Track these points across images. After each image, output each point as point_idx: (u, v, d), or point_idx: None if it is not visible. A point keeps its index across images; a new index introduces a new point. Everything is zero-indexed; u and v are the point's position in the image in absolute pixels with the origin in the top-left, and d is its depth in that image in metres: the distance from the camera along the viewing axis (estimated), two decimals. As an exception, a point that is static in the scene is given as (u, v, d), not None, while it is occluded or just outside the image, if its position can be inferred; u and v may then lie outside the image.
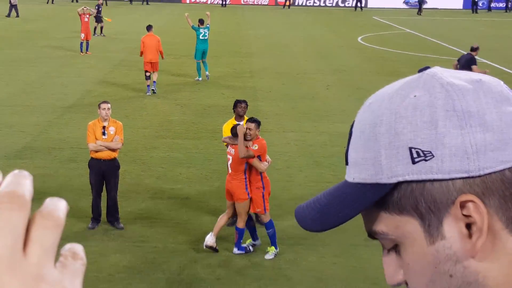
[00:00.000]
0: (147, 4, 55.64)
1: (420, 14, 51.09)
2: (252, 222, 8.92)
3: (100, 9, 31.64)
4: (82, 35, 25.57)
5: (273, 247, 8.82)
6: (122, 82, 20.72)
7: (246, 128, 8.58)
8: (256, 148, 8.56)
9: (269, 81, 21.62)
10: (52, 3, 53.39)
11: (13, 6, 40.05)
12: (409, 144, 0.86)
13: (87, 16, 25.67)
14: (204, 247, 8.71)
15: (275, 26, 39.98)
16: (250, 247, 8.84)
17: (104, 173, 9.33)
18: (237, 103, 9.79)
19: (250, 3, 58.82)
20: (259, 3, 59.41)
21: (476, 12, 54.30)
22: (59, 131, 14.59)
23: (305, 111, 17.43)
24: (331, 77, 22.74)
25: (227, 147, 8.89)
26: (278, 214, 10.09)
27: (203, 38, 21.76)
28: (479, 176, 0.83)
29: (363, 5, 56.58)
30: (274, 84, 21.09)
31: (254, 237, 8.96)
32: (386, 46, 31.24)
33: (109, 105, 9.39)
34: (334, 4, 59.95)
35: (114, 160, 9.38)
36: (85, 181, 10.13)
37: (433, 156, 0.84)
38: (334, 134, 14.99)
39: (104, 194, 9.44)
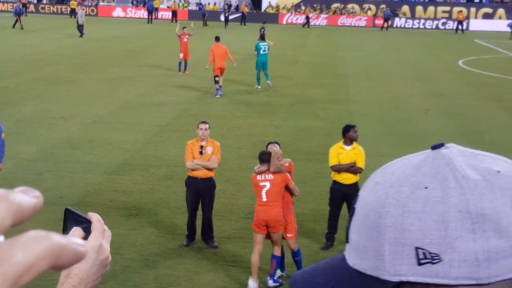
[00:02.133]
0: (244, 25, 56.45)
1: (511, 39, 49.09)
2: (282, 251, 8.57)
3: (264, 31, 32.16)
4: (181, 55, 26.16)
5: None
6: (217, 102, 20.99)
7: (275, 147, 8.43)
8: (287, 164, 8.49)
9: (365, 104, 21.32)
10: (151, 23, 55.15)
11: (80, 26, 41.01)
12: (416, 243, 0.79)
13: (187, 36, 26.26)
14: None
15: (372, 48, 39.54)
16: (277, 284, 8.47)
17: (200, 191, 9.39)
18: (350, 128, 9.54)
19: (347, 24, 58.55)
20: (357, 25, 59.07)
21: None
22: (156, 149, 14.90)
23: (402, 135, 17.04)
24: (430, 101, 22.16)
25: (261, 176, 8.33)
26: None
27: (263, 52, 23.95)
28: (487, 284, 0.77)
29: (464, 27, 55.13)
30: (370, 107, 20.78)
31: (282, 267, 8.68)
32: (488, 71, 30.21)
33: (207, 125, 9.48)
34: (434, 27, 58.75)
35: (210, 180, 9.44)
36: (181, 199, 10.25)
37: (441, 260, 0.78)
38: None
39: (199, 212, 9.51)
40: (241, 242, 9.59)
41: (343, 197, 9.40)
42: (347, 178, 9.44)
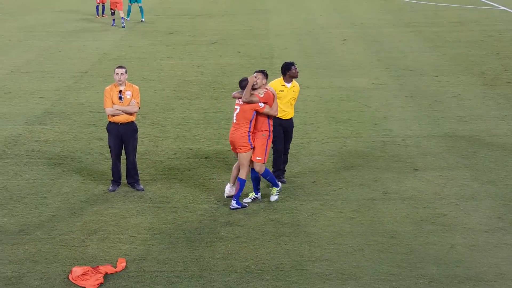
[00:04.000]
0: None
1: None
2: (256, 174, 9.05)
3: None
4: (98, -2, 25.46)
5: (274, 188, 9.08)
6: (138, 44, 20.71)
7: (254, 77, 8.76)
8: (262, 95, 8.73)
9: (285, 37, 21.47)
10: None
11: None
12: None
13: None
14: (226, 197, 9.07)
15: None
16: (249, 201, 9.01)
17: (122, 136, 9.40)
18: (290, 65, 9.60)
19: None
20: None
21: None
22: (77, 96, 14.70)
23: (322, 66, 17.34)
24: (347, 30, 22.50)
25: (236, 100, 8.95)
26: (296, 171, 10.15)
27: None
28: None
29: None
30: (290, 40, 20.95)
31: (256, 189, 9.14)
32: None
33: (123, 69, 9.39)
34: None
35: (132, 124, 9.44)
36: (105, 145, 10.25)
37: None
38: (351, 89, 14.93)
39: (123, 157, 9.54)
40: (167, 183, 9.73)
41: (283, 131, 9.58)
42: (286, 114, 9.55)
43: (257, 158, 8.86)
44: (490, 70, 16.52)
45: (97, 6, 25.89)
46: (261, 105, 8.72)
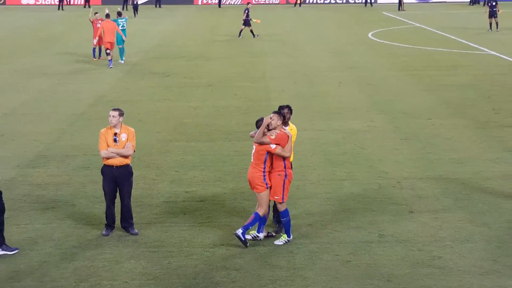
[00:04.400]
0: (159, 7, 55.60)
1: (402, 10, 49.99)
2: (266, 215, 9.10)
3: (248, 12, 32.59)
4: (95, 41, 25.66)
5: (285, 235, 9.03)
6: (135, 86, 20.80)
7: (270, 118, 8.87)
8: (273, 137, 8.79)
9: (281, 80, 21.62)
10: (63, 9, 53.55)
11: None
12: None
13: (100, 21, 25.75)
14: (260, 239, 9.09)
15: (287, 24, 39.90)
16: (249, 237, 8.99)
17: (117, 179, 9.34)
18: (280, 109, 9.63)
19: (262, 2, 58.64)
20: (271, 2, 59.33)
21: (474, 4, 54.93)
22: (72, 139, 14.67)
23: (318, 109, 17.40)
24: (343, 74, 22.69)
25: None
26: (292, 213, 10.06)
27: (122, 28, 25.57)
28: None
29: (373, 1, 56.31)
30: (287, 83, 21.09)
31: (260, 228, 9.11)
32: (396, 41, 31.13)
33: (117, 112, 9.37)
34: (344, 1, 59.70)
35: (127, 167, 9.40)
36: (99, 188, 10.17)
37: None
38: (347, 131, 14.96)
39: (118, 200, 9.46)
40: (162, 226, 9.63)
41: None
42: None
43: (275, 197, 8.96)
44: (482, 114, 16.63)
45: (94, 49, 26.09)
46: (273, 146, 8.81)
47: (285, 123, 9.45)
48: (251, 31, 32.65)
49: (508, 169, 12.25)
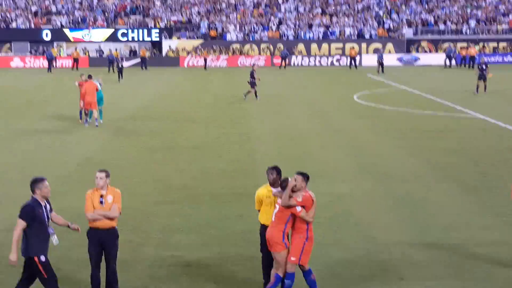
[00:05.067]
0: (145, 69, 56.21)
1: (382, 72, 50.81)
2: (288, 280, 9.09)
3: (254, 73, 33.06)
4: (81, 103, 25.71)
5: None
6: (121, 148, 20.77)
7: (294, 180, 8.98)
8: (300, 199, 8.85)
9: (267, 142, 21.68)
10: (51, 72, 53.97)
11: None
12: None
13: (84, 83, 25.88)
14: None
15: (272, 86, 40.33)
16: None
17: (103, 243, 9.22)
18: (268, 170, 9.67)
19: (247, 64, 59.49)
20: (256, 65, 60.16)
21: (450, 67, 55.95)
22: (58, 201, 14.47)
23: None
24: (327, 136, 22.82)
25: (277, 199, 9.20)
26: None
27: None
28: None
29: (357, 63, 57.33)
30: (272, 145, 21.15)
31: None
32: (381, 103, 31.49)
33: (103, 174, 9.33)
34: (329, 64, 60.73)
35: (113, 229, 9.28)
36: (84, 251, 9.98)
37: None
38: (334, 195, 14.91)
39: (103, 264, 9.31)
40: (148, 292, 9.47)
41: None
42: None
43: (292, 258, 8.94)
44: (470, 178, 16.64)
45: (81, 111, 26.12)
46: (298, 208, 8.89)
47: (271, 184, 9.48)
48: (255, 92, 33.08)
49: (499, 235, 12.16)
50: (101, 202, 9.22)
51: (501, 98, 33.73)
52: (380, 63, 51.68)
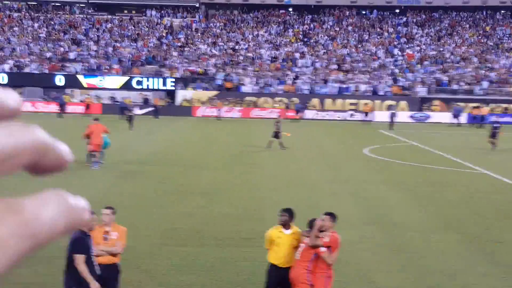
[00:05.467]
0: (157, 118, 56.44)
1: (392, 129, 50.74)
2: None
3: (279, 124, 34.44)
4: (89, 146, 25.95)
5: None
6: (128, 191, 20.92)
7: (322, 220, 9.15)
8: (327, 240, 8.99)
9: (277, 191, 21.74)
10: (62, 117, 54.40)
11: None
12: None
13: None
14: None
15: (285, 138, 40.56)
16: None
17: (104, 279, 9.25)
18: (281, 212, 9.85)
19: (261, 116, 59.91)
20: (270, 117, 60.55)
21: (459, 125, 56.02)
22: (61, 240, 14.58)
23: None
24: (338, 186, 22.87)
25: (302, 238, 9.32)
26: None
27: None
28: None
29: (370, 119, 57.72)
30: (283, 193, 21.20)
31: None
32: (391, 158, 31.59)
33: (109, 210, 9.47)
34: (342, 118, 61.11)
35: (115, 265, 9.35)
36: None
37: None
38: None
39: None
40: (146, 328, 9.46)
41: (281, 280, 9.42)
42: (285, 262, 9.44)
43: None
44: (473, 229, 16.66)
45: (88, 154, 26.32)
46: (323, 249, 8.97)
47: (282, 225, 9.56)
48: (281, 143, 34.06)
49: (497, 283, 12.17)
50: (105, 238, 9.31)
51: (509, 156, 33.73)
52: (391, 119, 52.04)
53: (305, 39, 75.52)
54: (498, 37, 75.42)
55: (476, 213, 18.88)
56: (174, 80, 63.98)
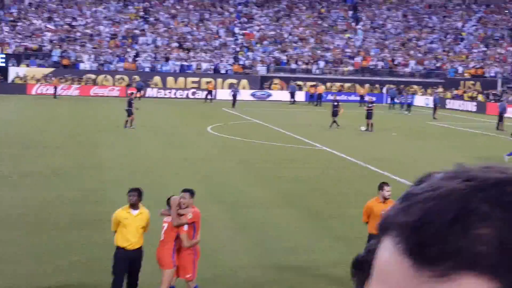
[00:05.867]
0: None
1: (235, 107, 51.45)
2: None
3: (132, 102, 33.39)
4: None
5: None
6: None
7: (180, 198, 9.02)
8: (191, 216, 8.94)
9: (118, 170, 21.23)
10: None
11: None
12: None
13: None
14: None
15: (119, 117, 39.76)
16: None
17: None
18: (129, 192, 9.66)
19: (100, 94, 58.22)
20: (110, 95, 59.14)
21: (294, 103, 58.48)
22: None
23: (155, 199, 17.10)
24: (181, 165, 22.78)
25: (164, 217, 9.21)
26: None
27: None
28: None
29: (213, 97, 58.14)
30: (124, 173, 20.74)
31: None
32: (234, 135, 32.01)
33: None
34: (185, 96, 61.02)
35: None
36: None
37: None
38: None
39: None
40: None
41: (130, 262, 9.43)
42: (133, 244, 9.36)
43: (186, 276, 9.04)
44: (313, 205, 17.21)
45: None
46: (185, 227, 8.95)
47: (132, 206, 9.37)
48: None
49: (339, 256, 12.63)
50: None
51: (346, 133, 35.46)
52: (234, 98, 52.71)
53: (146, 16, 74.25)
54: (333, 19, 78.75)
55: (317, 188, 19.47)
56: (5, 56, 60.53)
